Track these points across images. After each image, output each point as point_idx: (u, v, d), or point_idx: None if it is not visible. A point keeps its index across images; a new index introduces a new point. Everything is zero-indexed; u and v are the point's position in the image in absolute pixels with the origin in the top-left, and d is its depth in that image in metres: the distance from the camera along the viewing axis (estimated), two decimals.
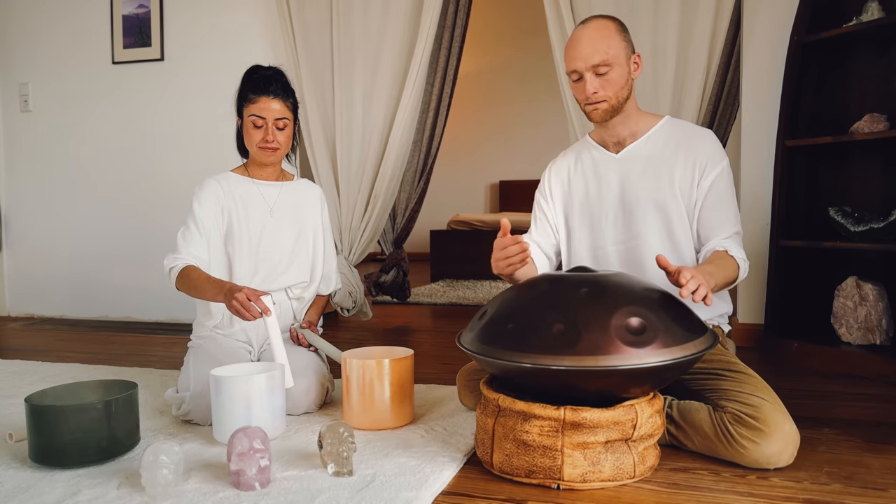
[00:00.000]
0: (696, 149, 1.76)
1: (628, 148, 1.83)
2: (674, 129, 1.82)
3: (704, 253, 1.73)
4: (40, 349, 2.97)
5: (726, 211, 1.74)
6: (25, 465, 1.54)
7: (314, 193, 2.15)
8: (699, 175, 1.75)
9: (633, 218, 1.80)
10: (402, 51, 3.16)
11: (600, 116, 1.77)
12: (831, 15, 2.50)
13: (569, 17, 2.83)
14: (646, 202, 1.78)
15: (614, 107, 1.75)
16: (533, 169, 7.12)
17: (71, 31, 3.67)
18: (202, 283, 1.83)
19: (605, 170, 1.85)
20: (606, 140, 1.86)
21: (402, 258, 3.66)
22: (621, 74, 1.73)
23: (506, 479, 1.43)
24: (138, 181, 3.62)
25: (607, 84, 1.72)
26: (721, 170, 1.75)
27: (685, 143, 1.78)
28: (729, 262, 1.66)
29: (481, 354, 1.43)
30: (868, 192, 2.52)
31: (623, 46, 1.73)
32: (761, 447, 1.43)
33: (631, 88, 1.77)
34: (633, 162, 1.82)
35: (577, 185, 1.90)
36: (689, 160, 1.76)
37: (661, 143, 1.80)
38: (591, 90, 1.72)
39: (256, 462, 1.38)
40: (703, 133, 1.80)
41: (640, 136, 1.82)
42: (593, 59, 1.71)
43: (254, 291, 1.73)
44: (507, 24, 6.95)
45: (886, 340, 2.37)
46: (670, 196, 1.76)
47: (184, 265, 1.88)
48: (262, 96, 1.94)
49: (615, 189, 1.83)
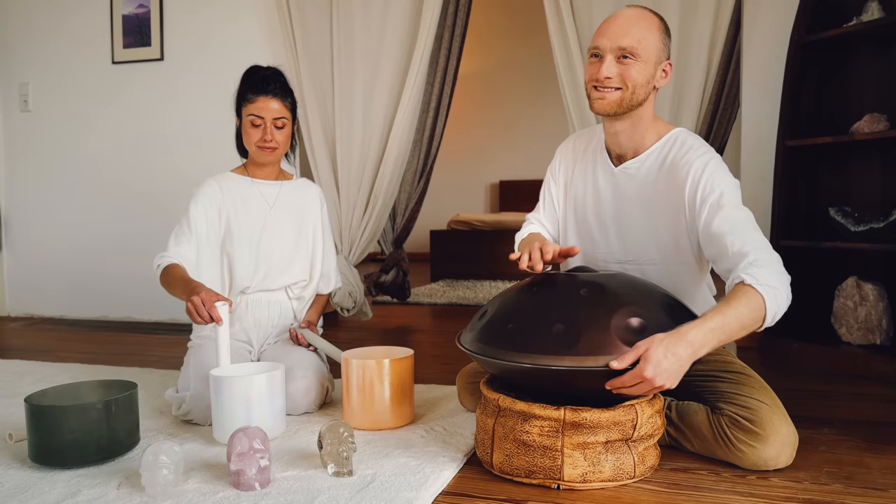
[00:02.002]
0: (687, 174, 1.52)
1: (626, 165, 1.63)
2: (672, 149, 1.58)
3: (727, 290, 1.43)
4: (40, 349, 2.96)
5: (743, 232, 1.46)
6: (25, 465, 1.54)
7: (313, 192, 2.15)
8: (692, 201, 1.52)
9: (628, 240, 1.65)
10: (402, 51, 3.16)
11: (603, 108, 1.55)
12: (831, 15, 2.50)
13: (569, 17, 2.83)
14: (639, 229, 1.63)
15: (623, 102, 1.54)
16: (533, 169, 7.11)
17: (71, 32, 3.67)
18: (176, 282, 1.84)
19: (602, 181, 1.69)
20: (611, 147, 1.67)
21: (402, 258, 3.65)
22: (644, 72, 1.52)
23: (506, 479, 1.43)
24: (138, 181, 3.62)
25: (626, 74, 1.51)
26: (721, 192, 1.49)
27: (677, 170, 1.55)
28: (746, 297, 1.35)
29: (481, 354, 1.43)
30: (868, 192, 2.52)
31: (659, 47, 1.54)
32: (758, 451, 1.43)
33: (648, 95, 1.56)
34: (627, 183, 1.64)
35: (576, 183, 1.75)
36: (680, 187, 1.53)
37: (657, 166, 1.60)
38: (604, 73, 1.51)
39: (256, 462, 1.38)
40: (699, 155, 1.54)
41: (640, 153, 1.62)
42: (622, 41, 1.50)
43: (211, 297, 1.71)
44: (508, 24, 6.95)
45: (886, 340, 2.37)
46: (663, 226, 1.59)
47: (168, 263, 1.89)
48: (260, 96, 1.94)
49: (609, 207, 1.67)
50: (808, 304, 2.60)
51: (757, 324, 1.37)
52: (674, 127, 1.65)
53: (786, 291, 1.40)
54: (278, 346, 2.04)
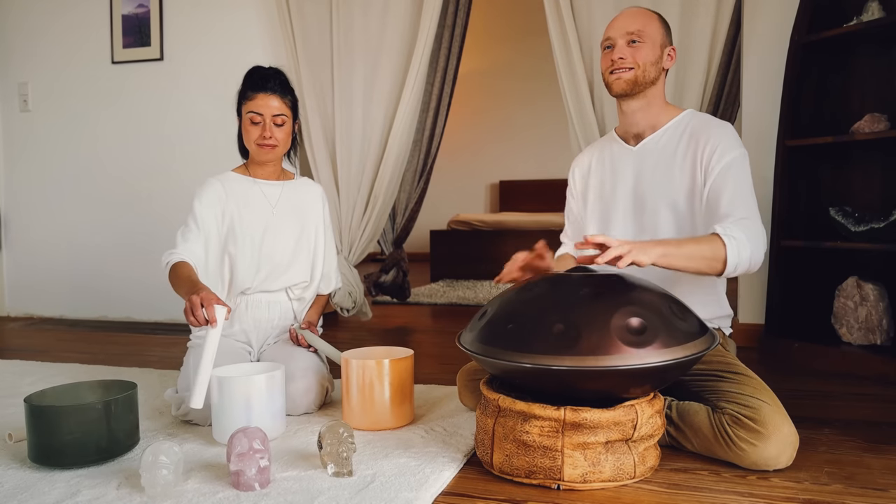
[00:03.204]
0: (708, 140, 1.70)
1: (645, 141, 1.81)
2: (692, 121, 1.78)
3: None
4: (40, 349, 2.96)
5: (738, 199, 1.63)
6: (25, 466, 1.54)
7: (315, 192, 2.15)
8: (709, 163, 1.69)
9: (644, 213, 1.78)
10: (402, 51, 3.16)
11: (621, 87, 1.75)
12: (831, 15, 2.50)
13: (569, 17, 2.83)
14: (657, 197, 1.76)
15: (637, 79, 1.73)
16: (533, 169, 7.12)
17: (70, 31, 3.67)
18: (181, 280, 1.81)
19: (621, 164, 1.84)
20: (628, 131, 1.85)
21: (401, 258, 3.65)
22: (652, 52, 1.73)
23: (506, 479, 1.43)
24: (138, 181, 3.62)
25: (637, 53, 1.72)
26: (731, 159, 1.67)
27: (698, 135, 1.73)
28: (711, 239, 1.53)
29: (481, 354, 1.42)
30: (868, 192, 2.52)
31: (661, 33, 1.76)
32: (760, 449, 1.43)
33: (659, 74, 1.77)
34: (647, 155, 1.80)
35: (595, 178, 1.90)
36: (700, 151, 1.71)
37: (677, 137, 1.77)
38: (618, 55, 1.73)
39: (256, 462, 1.38)
40: (719, 124, 1.74)
41: (658, 129, 1.80)
42: (629, 27, 1.73)
43: (210, 298, 1.66)
44: (508, 24, 6.95)
45: (887, 340, 2.37)
46: (681, 191, 1.73)
47: (177, 260, 1.87)
48: (259, 93, 1.94)
49: (629, 182, 1.81)
50: (808, 304, 2.60)
51: (715, 266, 1.53)
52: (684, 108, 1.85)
53: (751, 248, 1.54)
54: (278, 346, 2.04)
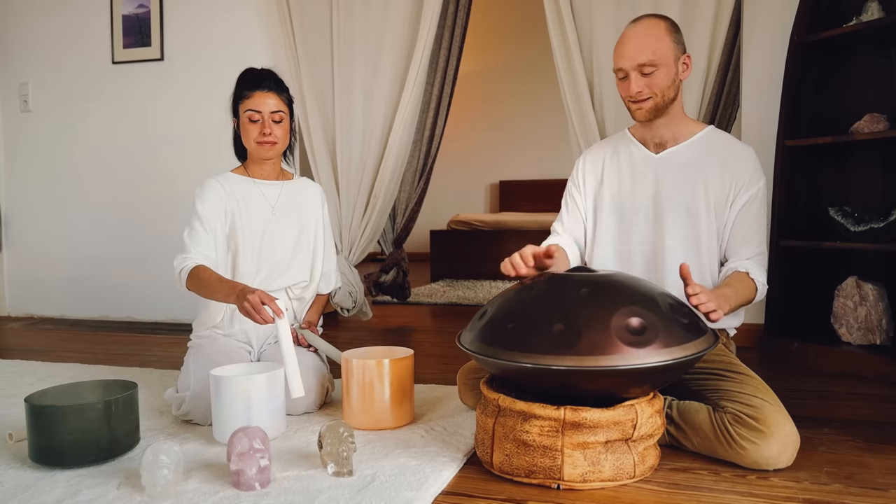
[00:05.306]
0: (735, 166, 1.75)
1: (668, 150, 1.81)
2: (716, 140, 1.80)
3: (726, 271, 1.73)
4: (40, 349, 2.96)
5: (754, 231, 1.74)
6: (25, 465, 1.54)
7: (315, 191, 2.15)
8: (734, 193, 1.74)
9: (663, 221, 1.79)
10: (402, 51, 3.16)
11: (644, 115, 1.76)
12: (831, 15, 2.50)
13: (569, 17, 2.83)
14: (678, 208, 1.77)
15: (658, 105, 1.74)
16: (533, 169, 7.11)
17: (71, 31, 3.67)
18: (213, 284, 1.81)
19: (642, 168, 1.83)
20: (647, 139, 1.85)
21: (402, 258, 3.65)
22: (667, 75, 1.71)
23: (506, 479, 1.43)
24: (138, 181, 3.62)
25: (653, 83, 1.71)
26: (757, 190, 1.74)
27: (725, 158, 1.76)
28: (747, 285, 1.66)
29: (481, 354, 1.43)
30: (868, 192, 2.52)
31: (672, 47, 1.72)
32: (761, 448, 1.43)
33: (678, 90, 1.76)
34: (671, 165, 1.80)
35: (611, 177, 1.88)
36: (727, 176, 1.75)
37: (702, 153, 1.78)
38: (635, 89, 1.71)
39: (256, 462, 1.38)
40: (744, 150, 1.78)
41: (681, 141, 1.80)
42: (639, 59, 1.69)
43: (266, 294, 1.69)
44: (508, 24, 6.95)
45: (886, 340, 2.37)
46: (703, 207, 1.76)
47: (194, 265, 1.86)
48: (256, 91, 1.95)
49: (650, 188, 1.82)
50: (808, 304, 2.60)
51: (744, 306, 1.70)
52: (705, 124, 1.87)
53: (766, 286, 1.73)
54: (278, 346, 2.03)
